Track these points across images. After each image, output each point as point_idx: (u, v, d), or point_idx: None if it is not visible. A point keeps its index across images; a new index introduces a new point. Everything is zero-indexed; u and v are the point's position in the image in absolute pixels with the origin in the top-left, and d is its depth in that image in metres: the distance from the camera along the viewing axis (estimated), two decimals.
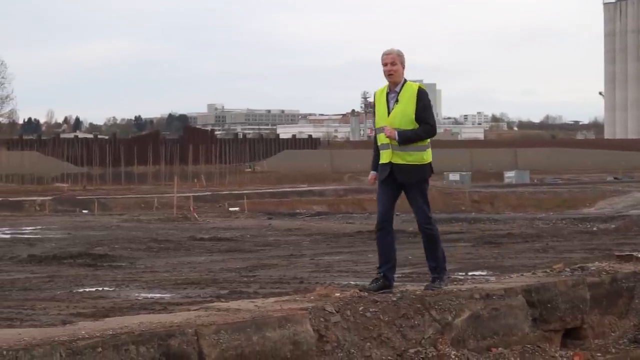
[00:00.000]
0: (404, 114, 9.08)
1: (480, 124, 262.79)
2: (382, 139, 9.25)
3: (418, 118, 9.09)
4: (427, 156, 9.27)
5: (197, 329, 7.12)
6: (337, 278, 15.56)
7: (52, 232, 31.06)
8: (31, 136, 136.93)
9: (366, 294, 8.72)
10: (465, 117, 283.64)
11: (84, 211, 51.25)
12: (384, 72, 9.21)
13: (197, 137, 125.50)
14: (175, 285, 15.51)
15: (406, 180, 9.21)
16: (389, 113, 9.16)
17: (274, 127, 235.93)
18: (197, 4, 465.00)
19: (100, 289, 15.17)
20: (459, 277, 15.86)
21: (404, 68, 9.23)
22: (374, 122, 9.54)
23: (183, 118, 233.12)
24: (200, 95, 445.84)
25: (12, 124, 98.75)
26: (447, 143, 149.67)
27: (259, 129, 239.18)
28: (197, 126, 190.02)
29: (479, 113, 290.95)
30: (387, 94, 9.26)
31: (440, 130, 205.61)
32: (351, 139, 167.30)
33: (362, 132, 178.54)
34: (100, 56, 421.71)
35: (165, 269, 18.45)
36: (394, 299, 8.59)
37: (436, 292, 9.03)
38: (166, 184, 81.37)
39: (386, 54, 9.22)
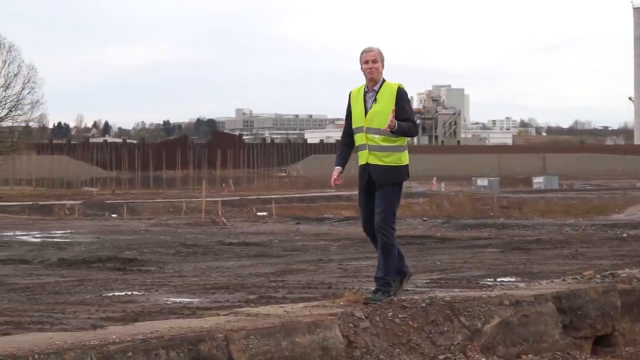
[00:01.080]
0: (383, 114, 8.73)
1: (508, 129, 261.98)
2: (359, 139, 8.92)
3: (398, 118, 8.73)
4: (405, 158, 8.93)
5: (227, 334, 7.13)
6: (365, 283, 15.53)
7: (82, 236, 31.23)
8: (61, 141, 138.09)
9: (395, 299, 8.69)
10: (494, 122, 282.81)
11: (112, 215, 51.54)
12: (364, 70, 8.85)
13: (225, 141, 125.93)
14: (204, 289, 15.56)
15: (381, 181, 8.83)
16: (366, 113, 8.84)
17: (302, 132, 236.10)
18: (226, 9, 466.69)
19: (130, 293, 15.24)
20: (488, 283, 15.83)
21: (383, 67, 8.91)
22: (347, 124, 9.10)
23: (211, 123, 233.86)
24: (229, 100, 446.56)
25: (42, 129, 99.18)
26: (475, 148, 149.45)
27: (287, 133, 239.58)
28: (225, 131, 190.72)
29: (507, 118, 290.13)
30: (365, 93, 8.91)
31: (468, 135, 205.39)
32: None
33: None
34: (129, 61, 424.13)
35: (193, 274, 18.50)
36: (423, 305, 8.56)
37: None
38: (194, 188, 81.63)
39: (367, 52, 8.88)
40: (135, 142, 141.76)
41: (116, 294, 15.15)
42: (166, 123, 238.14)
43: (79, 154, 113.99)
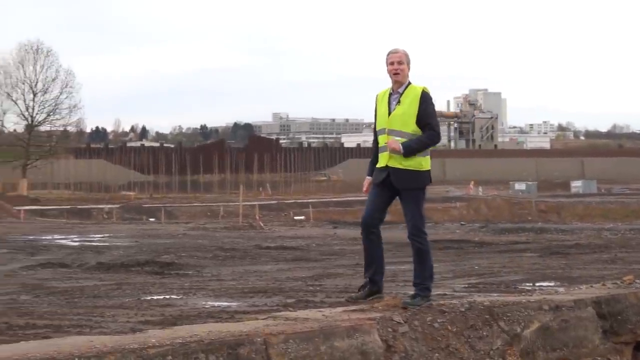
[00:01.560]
0: (405, 116, 8.65)
1: (546, 133, 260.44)
2: (382, 141, 8.85)
3: (420, 122, 8.63)
4: (426, 163, 8.79)
5: (266, 338, 7.13)
6: (403, 288, 15.49)
7: (120, 240, 31.41)
8: (98, 145, 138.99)
9: (433, 303, 8.66)
10: (531, 126, 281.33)
11: (150, 219, 51.87)
12: (390, 71, 8.76)
13: (262, 146, 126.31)
14: (242, 293, 15.59)
15: (402, 186, 8.74)
16: (389, 114, 8.75)
17: (339, 135, 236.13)
18: (263, 14, 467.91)
19: (168, 297, 15.29)
20: (527, 287, 15.75)
21: (409, 69, 8.82)
22: (374, 125, 9.05)
23: (248, 127, 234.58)
24: (265, 104, 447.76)
25: (80, 133, 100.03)
26: (512, 152, 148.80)
27: (324, 137, 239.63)
28: (262, 135, 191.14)
29: (545, 122, 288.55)
30: (390, 94, 8.83)
31: (505, 139, 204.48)
32: None
33: None
34: (166, 65, 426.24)
35: (231, 278, 18.55)
36: (462, 309, 8.53)
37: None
38: (232, 192, 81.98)
39: (393, 53, 8.78)
40: (172, 146, 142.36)
41: (154, 297, 15.21)
42: (203, 127, 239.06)
43: (117, 158, 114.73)
